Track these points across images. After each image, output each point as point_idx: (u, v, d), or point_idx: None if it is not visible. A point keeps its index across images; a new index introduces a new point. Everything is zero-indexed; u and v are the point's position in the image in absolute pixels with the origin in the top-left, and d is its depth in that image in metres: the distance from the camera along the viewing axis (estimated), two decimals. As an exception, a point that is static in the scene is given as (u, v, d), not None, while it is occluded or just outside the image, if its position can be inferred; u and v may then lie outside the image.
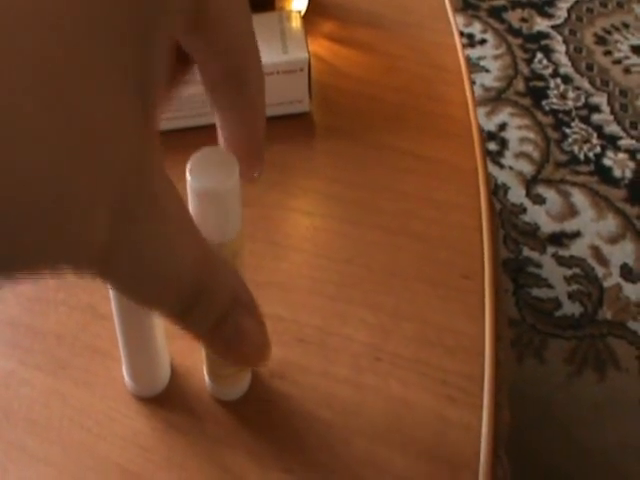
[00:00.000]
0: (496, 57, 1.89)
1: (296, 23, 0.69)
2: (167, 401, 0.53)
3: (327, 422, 0.52)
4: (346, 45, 0.76)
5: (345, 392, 0.53)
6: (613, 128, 1.77)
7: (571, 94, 1.84)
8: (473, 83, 1.82)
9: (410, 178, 0.65)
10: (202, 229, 0.44)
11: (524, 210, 1.60)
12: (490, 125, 1.74)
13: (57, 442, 0.51)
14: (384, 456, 0.50)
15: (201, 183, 0.42)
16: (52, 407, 0.53)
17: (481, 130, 0.70)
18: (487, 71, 1.85)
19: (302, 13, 0.74)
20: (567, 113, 1.80)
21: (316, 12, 0.77)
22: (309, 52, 0.67)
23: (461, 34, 1.91)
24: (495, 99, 1.80)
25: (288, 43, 0.68)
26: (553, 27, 2.00)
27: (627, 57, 1.94)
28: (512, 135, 1.74)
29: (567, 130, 1.76)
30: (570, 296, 1.47)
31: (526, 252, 1.54)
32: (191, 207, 0.44)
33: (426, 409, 0.52)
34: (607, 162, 1.69)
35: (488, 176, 0.66)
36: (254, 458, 0.50)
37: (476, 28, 1.91)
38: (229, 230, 0.45)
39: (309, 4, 0.75)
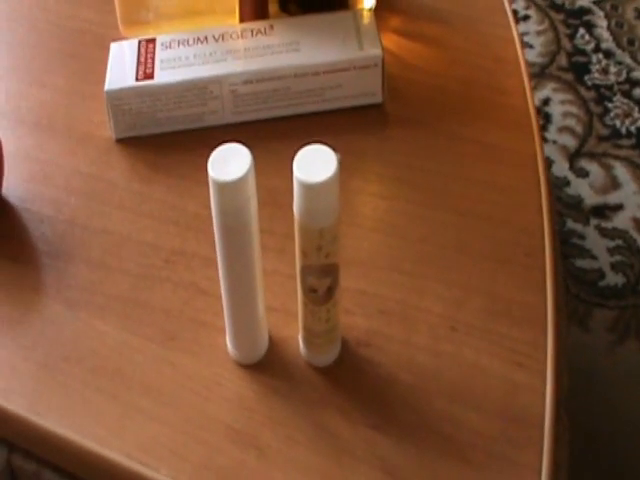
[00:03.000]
0: (539, 33, 1.93)
1: (369, 21, 0.75)
2: (266, 367, 0.60)
3: (409, 384, 0.58)
4: (413, 39, 0.82)
5: (424, 358, 0.60)
6: (654, 102, 1.80)
7: (613, 69, 1.87)
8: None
9: (476, 164, 0.71)
10: (306, 217, 0.51)
11: (568, 183, 1.64)
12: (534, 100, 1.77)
13: (169, 404, 0.58)
14: (460, 414, 0.57)
15: (307, 178, 0.49)
16: (163, 373, 0.60)
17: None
18: (531, 47, 1.89)
19: (372, 8, 0.80)
20: (609, 88, 1.83)
21: (384, 8, 0.82)
22: (383, 48, 0.73)
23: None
24: (539, 75, 1.83)
25: (363, 40, 0.74)
26: (595, 2, 2.03)
27: (668, 31, 1.96)
28: (555, 110, 1.77)
29: (609, 104, 1.79)
30: (613, 267, 1.50)
31: (570, 224, 1.58)
32: (296, 198, 0.50)
33: (496, 373, 0.59)
34: (648, 136, 1.72)
35: (546, 161, 0.72)
36: (345, 416, 0.57)
37: (519, 4, 1.95)
38: (329, 217, 0.51)
39: (377, 1, 0.81)
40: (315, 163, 0.49)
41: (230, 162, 0.49)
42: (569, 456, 0.67)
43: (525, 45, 1.92)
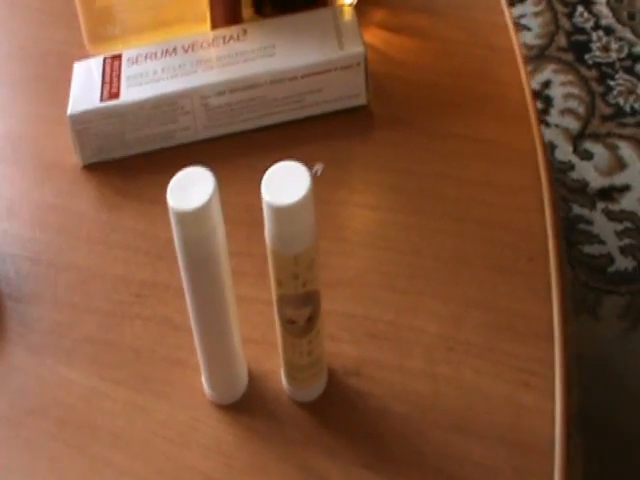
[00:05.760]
0: (536, 14, 1.88)
1: (350, 17, 0.70)
2: (247, 407, 0.55)
3: (403, 416, 0.54)
4: (398, 32, 0.77)
5: (420, 385, 0.55)
6: (658, 77, 1.75)
7: (614, 45, 1.82)
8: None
9: (470, 163, 0.67)
10: (278, 243, 0.46)
11: (572, 167, 1.59)
12: (534, 84, 1.73)
13: (141, 455, 0.53)
14: (461, 445, 0.52)
15: (277, 200, 0.44)
16: (134, 420, 0.55)
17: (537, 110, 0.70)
18: (528, 29, 1.84)
19: (353, 4, 0.75)
20: (611, 65, 1.78)
21: (367, 2, 0.77)
22: (365, 46, 0.68)
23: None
24: (538, 57, 1.79)
25: (344, 38, 0.69)
26: (592, -22, 1.98)
27: (669, 3, 1.92)
28: (556, 92, 1.72)
29: (611, 82, 1.75)
30: (622, 251, 1.47)
31: (576, 209, 1.53)
32: (267, 222, 0.45)
33: (500, 395, 0.54)
34: (654, 113, 1.68)
35: (548, 156, 0.67)
36: (334, 457, 0.52)
37: (514, -14, 1.90)
38: (304, 242, 0.46)
39: (359, -5, 0.76)
40: (286, 182, 0.45)
41: (192, 188, 0.45)
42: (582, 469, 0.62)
43: (523, 27, 1.88)
